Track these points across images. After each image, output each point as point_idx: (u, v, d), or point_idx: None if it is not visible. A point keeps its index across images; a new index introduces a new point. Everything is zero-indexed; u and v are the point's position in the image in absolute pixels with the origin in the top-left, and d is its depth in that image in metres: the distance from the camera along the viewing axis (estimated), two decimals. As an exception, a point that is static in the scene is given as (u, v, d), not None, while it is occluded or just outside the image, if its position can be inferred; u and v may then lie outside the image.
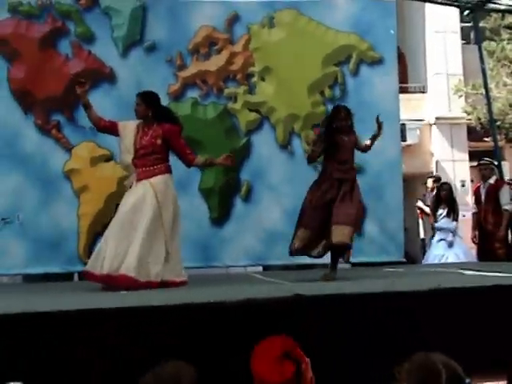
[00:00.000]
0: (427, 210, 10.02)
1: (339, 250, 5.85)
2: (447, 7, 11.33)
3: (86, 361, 3.29)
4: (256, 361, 2.45)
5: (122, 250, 5.38)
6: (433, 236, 9.39)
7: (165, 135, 5.70)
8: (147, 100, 5.80)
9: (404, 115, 10.56)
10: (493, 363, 3.41)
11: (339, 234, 5.66)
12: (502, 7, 10.58)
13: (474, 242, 8.75)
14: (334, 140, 5.87)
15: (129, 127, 5.81)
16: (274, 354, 2.41)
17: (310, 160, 6.32)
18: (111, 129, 5.86)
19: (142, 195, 5.54)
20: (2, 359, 3.19)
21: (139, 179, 5.63)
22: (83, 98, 5.75)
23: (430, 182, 10.56)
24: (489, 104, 10.08)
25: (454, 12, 13.82)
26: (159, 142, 5.68)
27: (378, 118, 6.13)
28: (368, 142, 6.17)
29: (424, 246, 10.26)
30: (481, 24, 12.49)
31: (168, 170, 5.74)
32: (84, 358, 3.29)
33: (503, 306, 3.96)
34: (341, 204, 5.75)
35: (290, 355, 2.42)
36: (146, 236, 5.42)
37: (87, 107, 5.76)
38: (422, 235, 11.15)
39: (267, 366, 2.40)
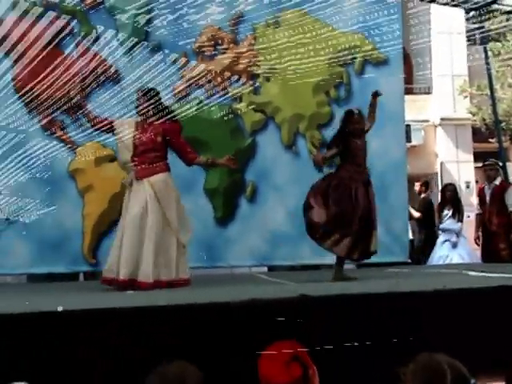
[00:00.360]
0: (414, 212, 9.93)
1: (371, 255, 5.88)
2: (452, 8, 11.30)
3: (89, 361, 3.28)
4: (264, 364, 2.43)
5: (134, 254, 5.39)
6: (428, 236, 9.38)
7: (165, 133, 5.68)
8: (148, 97, 5.78)
9: (409, 116, 10.54)
10: (497, 364, 3.39)
11: (376, 241, 5.71)
12: (508, 8, 10.56)
13: (476, 243, 8.74)
14: (348, 144, 5.85)
15: (127, 124, 5.80)
16: (282, 357, 2.40)
17: (319, 164, 6.31)
18: (107, 126, 5.85)
19: (144, 196, 5.52)
20: (5, 359, 3.18)
21: (138, 177, 5.61)
22: (77, 98, 5.75)
23: (417, 186, 10.51)
24: (494, 105, 10.08)
25: (459, 13, 13.79)
26: (159, 139, 5.67)
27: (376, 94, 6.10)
28: (368, 124, 6.12)
29: (413, 247, 10.21)
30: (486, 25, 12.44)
31: (167, 168, 5.71)
32: (86, 358, 3.28)
33: (508, 307, 3.94)
34: (372, 209, 5.79)
35: (298, 359, 2.41)
36: (155, 238, 5.43)
37: (81, 106, 5.75)
38: (410, 236, 11.12)
39: (275, 368, 2.38)
